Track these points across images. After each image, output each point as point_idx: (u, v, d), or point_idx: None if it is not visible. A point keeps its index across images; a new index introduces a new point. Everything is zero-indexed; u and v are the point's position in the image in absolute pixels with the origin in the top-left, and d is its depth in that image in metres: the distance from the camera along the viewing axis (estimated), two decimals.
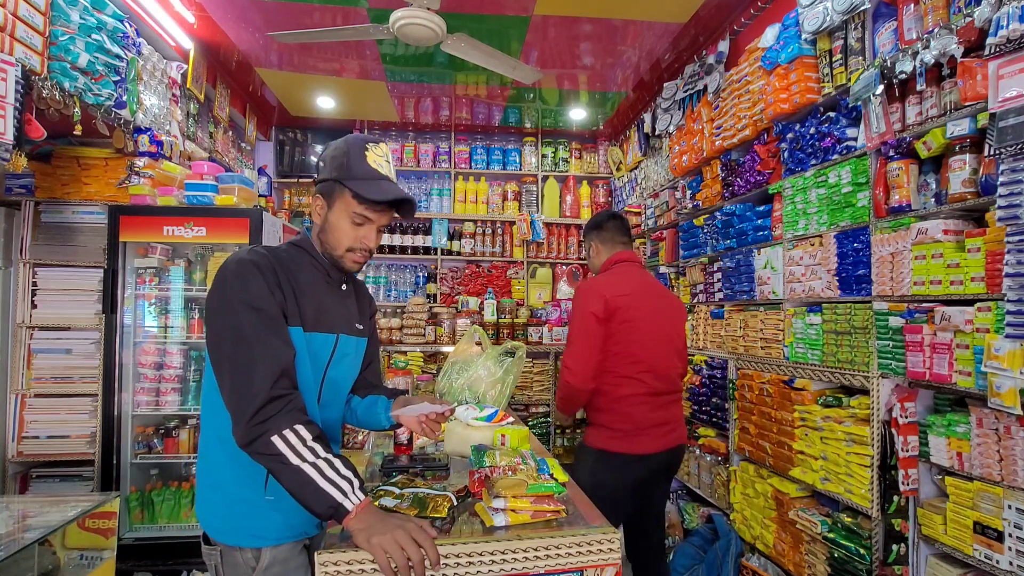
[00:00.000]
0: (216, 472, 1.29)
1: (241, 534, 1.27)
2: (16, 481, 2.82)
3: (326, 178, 1.29)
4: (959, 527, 1.77)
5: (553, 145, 5.35)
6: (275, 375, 1.13)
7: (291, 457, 1.09)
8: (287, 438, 1.10)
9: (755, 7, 2.97)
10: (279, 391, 1.12)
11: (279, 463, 1.09)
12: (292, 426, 1.11)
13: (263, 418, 1.10)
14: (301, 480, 1.09)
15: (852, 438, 2.13)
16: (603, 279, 2.27)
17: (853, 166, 2.17)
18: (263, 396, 1.10)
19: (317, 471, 1.10)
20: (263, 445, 1.09)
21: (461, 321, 4.78)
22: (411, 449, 1.88)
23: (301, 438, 1.11)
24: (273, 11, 3.23)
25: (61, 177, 2.87)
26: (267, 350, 1.14)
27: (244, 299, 1.17)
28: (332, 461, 1.12)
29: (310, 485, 1.09)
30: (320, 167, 1.32)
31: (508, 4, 3.11)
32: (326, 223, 1.31)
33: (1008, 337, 1.52)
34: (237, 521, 1.27)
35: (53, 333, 2.87)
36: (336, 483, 1.10)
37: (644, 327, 2.17)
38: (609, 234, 2.38)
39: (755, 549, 2.71)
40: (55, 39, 2.21)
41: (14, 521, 1.92)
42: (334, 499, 1.09)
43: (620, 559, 1.20)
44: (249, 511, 1.27)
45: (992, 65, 1.58)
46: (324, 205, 1.31)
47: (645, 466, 2.16)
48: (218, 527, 1.28)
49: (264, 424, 1.09)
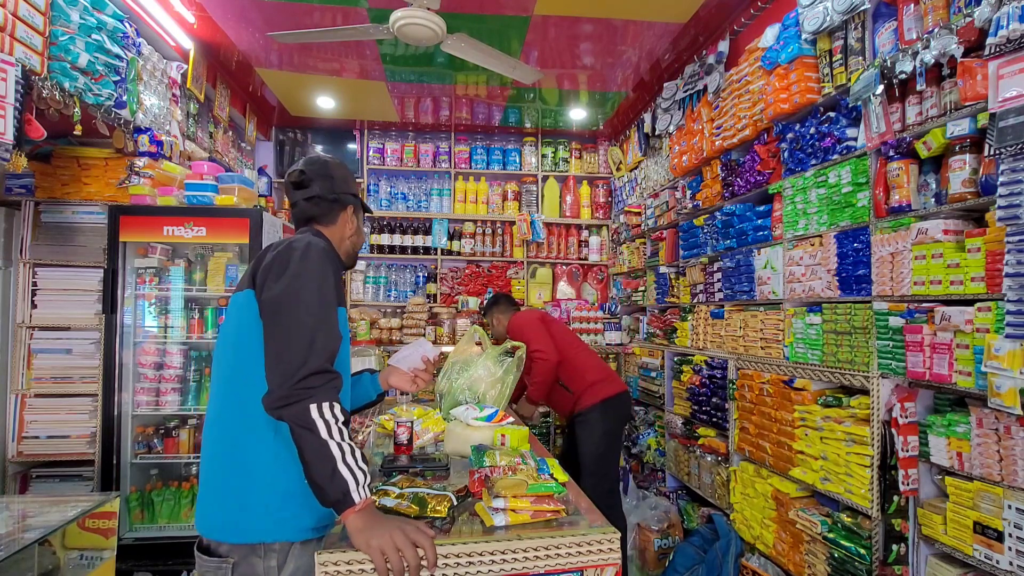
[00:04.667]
0: (257, 458, 1.26)
1: (275, 523, 1.24)
2: (16, 481, 2.82)
3: (349, 192, 1.51)
4: (959, 527, 1.77)
5: (553, 145, 5.35)
6: (329, 353, 1.19)
7: (322, 430, 1.12)
8: (324, 412, 1.13)
9: (755, 7, 2.97)
10: (328, 367, 1.17)
11: (309, 433, 1.11)
12: (331, 401, 1.14)
13: (309, 385, 1.13)
14: (324, 455, 1.11)
15: (852, 438, 2.13)
16: (525, 314, 3.29)
17: (853, 166, 2.17)
18: (315, 365, 1.14)
19: (341, 452, 1.12)
20: (301, 411, 1.11)
21: (461, 321, 4.78)
22: (411, 449, 1.88)
23: (335, 416, 1.14)
24: (273, 11, 3.23)
25: (61, 177, 2.87)
26: (328, 329, 1.21)
27: (321, 280, 1.25)
28: (355, 449, 1.16)
29: (330, 463, 1.11)
30: (338, 182, 1.49)
31: (508, 4, 3.11)
32: (357, 231, 1.54)
33: (1008, 337, 1.52)
34: (274, 513, 1.24)
35: (53, 333, 2.87)
36: (353, 471, 1.13)
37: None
38: (503, 306, 3.51)
39: (755, 549, 2.71)
40: (55, 39, 2.21)
41: (14, 521, 1.92)
42: (347, 486, 1.11)
43: (620, 559, 1.20)
44: (288, 501, 1.25)
45: (992, 65, 1.57)
46: (355, 219, 1.53)
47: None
48: (251, 522, 1.24)
49: (308, 391, 1.12)
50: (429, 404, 2.67)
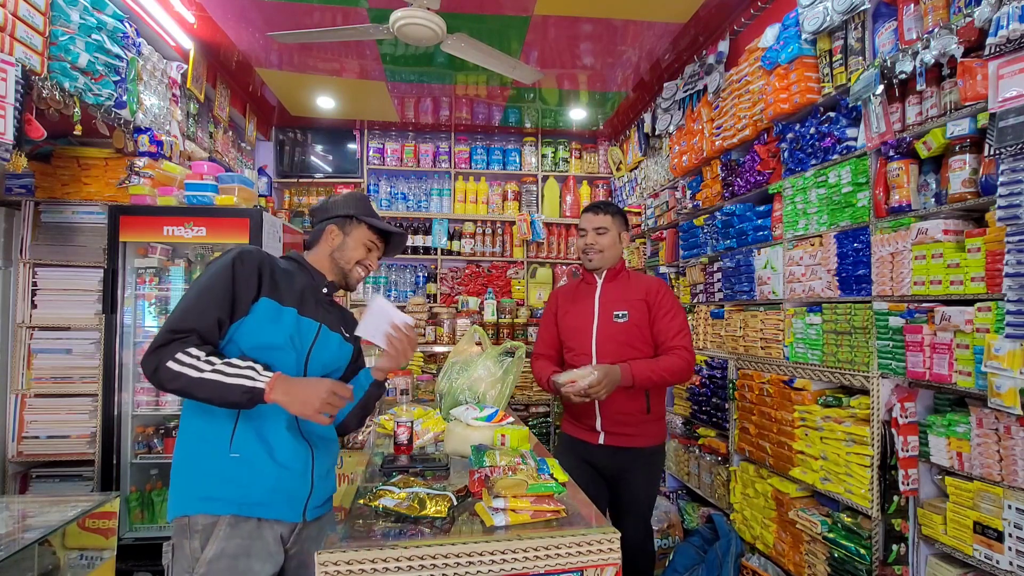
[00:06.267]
0: (186, 440, 1.40)
1: (198, 499, 1.33)
2: (16, 481, 2.82)
3: (344, 214, 1.59)
4: (959, 527, 1.77)
5: (553, 145, 5.35)
6: (185, 327, 1.30)
7: (192, 373, 1.25)
8: (181, 360, 1.26)
9: (755, 7, 2.97)
10: (180, 336, 1.29)
11: (187, 381, 1.25)
12: (184, 350, 1.27)
13: (158, 347, 1.27)
14: (211, 387, 1.25)
15: (852, 438, 2.13)
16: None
17: (853, 166, 2.17)
18: (164, 336, 1.28)
19: (221, 374, 1.26)
20: (165, 372, 1.25)
21: (461, 321, 4.78)
22: (411, 449, 1.88)
23: (195, 356, 1.27)
24: (273, 11, 3.23)
25: (61, 177, 2.87)
26: (195, 307, 1.33)
27: (213, 275, 1.37)
28: (231, 361, 1.29)
29: (220, 386, 1.25)
30: (330, 207, 1.61)
31: (508, 4, 3.11)
32: (342, 246, 1.58)
33: (1008, 337, 1.52)
34: (198, 483, 1.34)
35: (53, 333, 2.87)
36: (242, 374, 1.27)
37: None
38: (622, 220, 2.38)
39: (755, 549, 2.71)
40: (55, 39, 2.21)
41: (14, 521, 1.92)
42: (244, 386, 1.26)
43: (620, 559, 1.19)
44: (210, 472, 1.34)
45: (992, 65, 1.57)
46: (340, 234, 1.59)
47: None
48: (178, 498, 1.36)
49: (158, 353, 1.26)
50: (429, 404, 2.67)
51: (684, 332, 2.22)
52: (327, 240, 1.60)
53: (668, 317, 2.22)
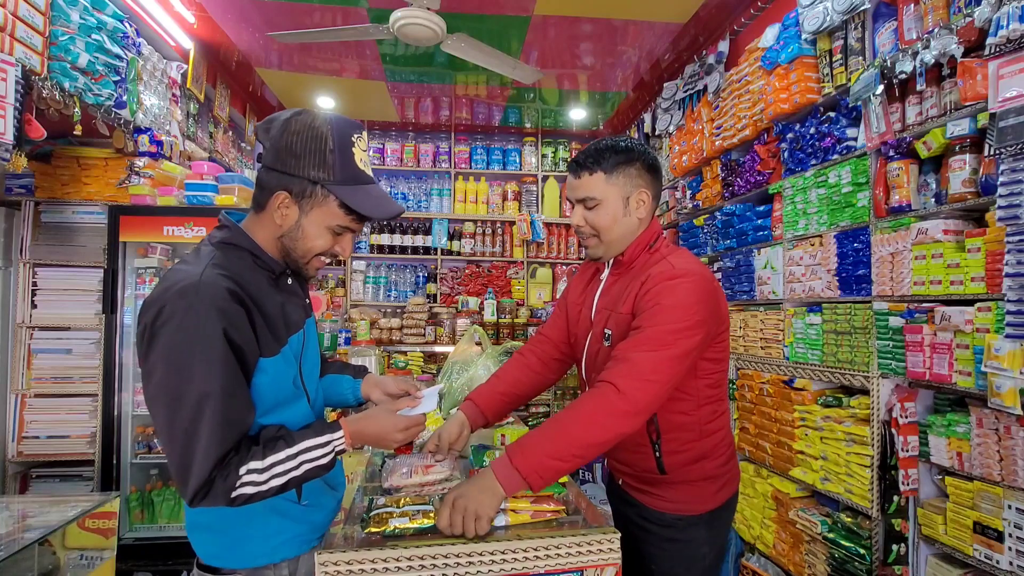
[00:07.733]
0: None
1: (277, 549, 1.19)
2: (16, 481, 2.82)
3: (299, 175, 1.06)
4: (959, 527, 1.77)
5: (553, 145, 5.35)
6: (217, 448, 0.98)
7: (273, 481, 1.03)
8: (254, 480, 1.01)
9: (755, 7, 2.97)
10: (215, 467, 0.98)
11: (276, 489, 1.04)
12: (238, 479, 0.99)
13: (208, 494, 0.99)
14: (299, 479, 1.07)
15: (852, 438, 2.13)
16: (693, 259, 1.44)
17: (853, 166, 2.17)
18: (200, 477, 0.97)
19: (296, 462, 1.06)
20: (243, 500, 1.01)
21: (461, 321, 4.78)
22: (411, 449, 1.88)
23: (260, 469, 1.01)
24: (273, 11, 3.23)
25: (61, 177, 2.87)
26: (211, 423, 0.98)
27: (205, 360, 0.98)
28: (298, 446, 1.06)
29: (307, 473, 1.08)
30: (282, 153, 1.06)
31: (508, 4, 3.11)
32: (297, 228, 1.10)
33: (1008, 337, 1.52)
34: (273, 538, 1.19)
35: (53, 333, 2.86)
36: (317, 446, 1.08)
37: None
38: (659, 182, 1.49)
39: (755, 549, 2.71)
40: (55, 39, 2.21)
41: (14, 521, 1.92)
42: (328, 454, 1.10)
43: (620, 559, 1.19)
44: (285, 525, 1.19)
45: (992, 65, 1.58)
46: (295, 209, 1.09)
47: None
48: (252, 552, 1.18)
49: (211, 498, 0.99)
50: None
51: (640, 358, 1.25)
52: (274, 213, 1.09)
53: (635, 333, 1.30)
